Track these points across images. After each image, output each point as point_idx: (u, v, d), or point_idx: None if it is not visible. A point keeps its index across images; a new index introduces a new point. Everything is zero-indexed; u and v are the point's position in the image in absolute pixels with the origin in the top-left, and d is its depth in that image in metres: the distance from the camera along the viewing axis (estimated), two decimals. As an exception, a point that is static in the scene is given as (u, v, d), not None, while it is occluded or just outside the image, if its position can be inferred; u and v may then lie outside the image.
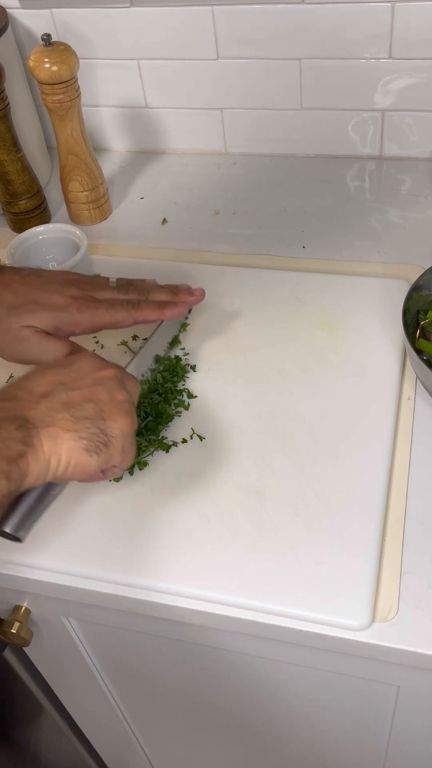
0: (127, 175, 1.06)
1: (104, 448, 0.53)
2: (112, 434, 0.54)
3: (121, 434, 0.55)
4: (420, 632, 0.57)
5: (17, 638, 0.73)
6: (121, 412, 0.55)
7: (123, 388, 0.57)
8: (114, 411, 0.55)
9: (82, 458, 0.52)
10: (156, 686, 0.85)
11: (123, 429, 0.55)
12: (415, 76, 0.92)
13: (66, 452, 0.52)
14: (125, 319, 0.69)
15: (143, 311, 0.69)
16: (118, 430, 0.54)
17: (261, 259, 0.88)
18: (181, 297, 0.73)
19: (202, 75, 0.99)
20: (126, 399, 0.56)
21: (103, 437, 0.53)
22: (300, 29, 0.91)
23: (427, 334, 0.72)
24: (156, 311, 0.70)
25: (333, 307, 0.80)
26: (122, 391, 0.56)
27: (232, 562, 0.61)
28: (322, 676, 0.69)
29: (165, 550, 0.63)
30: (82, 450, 0.52)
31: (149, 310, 0.70)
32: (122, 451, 0.55)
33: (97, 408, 0.54)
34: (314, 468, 0.67)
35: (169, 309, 0.70)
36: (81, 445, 0.52)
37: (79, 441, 0.52)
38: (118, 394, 0.56)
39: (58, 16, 0.98)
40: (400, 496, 0.65)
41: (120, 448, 0.55)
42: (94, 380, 0.56)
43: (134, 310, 0.69)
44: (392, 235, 0.90)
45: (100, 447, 0.53)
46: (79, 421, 0.53)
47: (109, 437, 0.54)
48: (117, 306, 0.69)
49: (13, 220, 0.97)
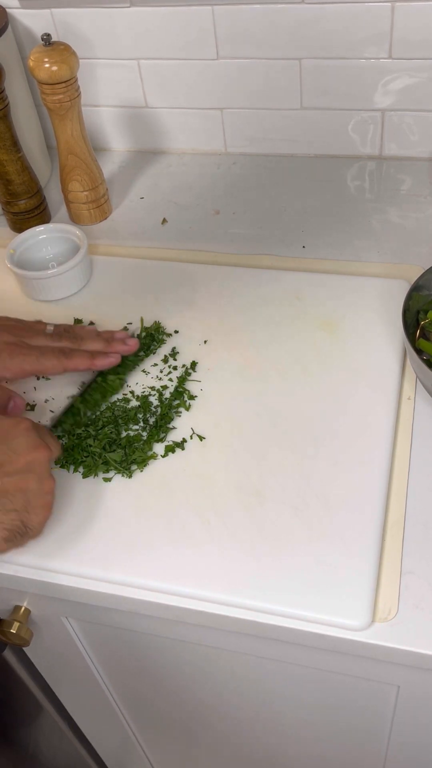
0: (127, 175, 1.06)
1: (20, 538, 0.58)
2: (31, 526, 0.58)
3: (39, 526, 0.59)
4: (420, 632, 0.57)
5: (17, 638, 0.73)
6: (45, 505, 0.59)
7: (50, 477, 0.60)
8: (39, 503, 0.59)
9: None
10: (156, 686, 0.85)
11: (41, 522, 0.59)
12: (415, 76, 0.92)
13: None
14: (55, 366, 0.71)
15: (73, 360, 0.71)
16: (37, 523, 0.59)
17: (261, 259, 0.88)
18: (114, 347, 0.74)
19: (202, 75, 0.99)
20: (51, 490, 0.60)
21: (23, 529, 0.58)
22: (300, 29, 0.91)
23: (427, 334, 0.72)
24: (86, 360, 0.72)
25: (333, 307, 0.80)
26: (49, 480, 0.60)
27: (232, 562, 0.61)
28: (322, 676, 0.69)
29: (165, 550, 0.63)
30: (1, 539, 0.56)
31: (79, 359, 0.72)
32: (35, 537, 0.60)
33: (25, 499, 0.57)
34: (314, 468, 0.67)
35: (99, 359, 0.72)
36: (1, 536, 0.56)
37: (2, 531, 0.56)
38: (46, 484, 0.59)
39: (58, 16, 0.98)
40: (400, 496, 0.65)
41: (34, 536, 0.60)
42: (27, 464, 0.58)
43: (65, 359, 0.71)
44: (392, 235, 0.90)
45: (16, 536, 0.57)
46: (7, 513, 0.56)
47: (27, 528, 0.58)
48: (48, 354, 0.71)
49: (13, 220, 0.97)
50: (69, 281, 0.85)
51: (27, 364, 0.70)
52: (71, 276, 0.85)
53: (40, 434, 0.61)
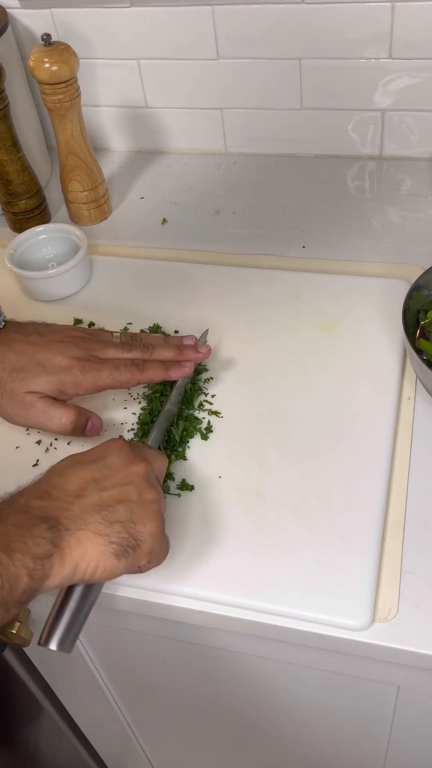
0: (127, 175, 1.06)
1: (132, 552, 0.53)
2: (141, 538, 0.54)
3: (150, 537, 0.54)
4: (420, 632, 0.57)
5: (17, 638, 0.73)
6: (151, 515, 0.55)
7: (151, 486, 0.56)
8: (144, 513, 0.54)
9: (110, 563, 0.52)
10: (156, 686, 0.85)
11: (152, 532, 0.54)
12: (415, 76, 0.92)
13: (95, 557, 0.51)
14: (129, 381, 0.68)
15: (147, 373, 0.68)
16: (147, 534, 0.54)
17: (261, 259, 0.88)
18: (187, 355, 0.71)
19: (202, 75, 0.99)
20: (155, 499, 0.56)
21: (133, 541, 0.53)
22: (300, 29, 0.91)
23: (427, 334, 0.72)
24: (161, 372, 0.69)
25: (333, 307, 0.80)
26: (151, 490, 0.56)
27: (232, 562, 0.61)
28: (322, 676, 0.69)
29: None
30: (111, 555, 0.52)
31: (153, 372, 0.69)
32: (150, 552, 0.55)
33: (128, 510, 0.54)
34: (314, 468, 0.67)
35: (174, 370, 0.69)
36: (110, 550, 0.52)
37: (109, 545, 0.52)
38: (147, 494, 0.55)
39: (58, 16, 0.98)
40: (400, 496, 0.65)
41: (148, 550, 0.55)
42: (125, 477, 0.55)
43: (138, 372, 0.68)
44: (392, 235, 0.90)
45: (128, 551, 0.53)
46: (111, 525, 0.52)
47: (138, 541, 0.54)
48: (121, 368, 0.67)
49: (13, 220, 0.97)
50: (69, 281, 0.85)
51: (100, 380, 0.67)
52: (71, 276, 0.85)
53: (136, 450, 0.58)
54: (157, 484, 0.58)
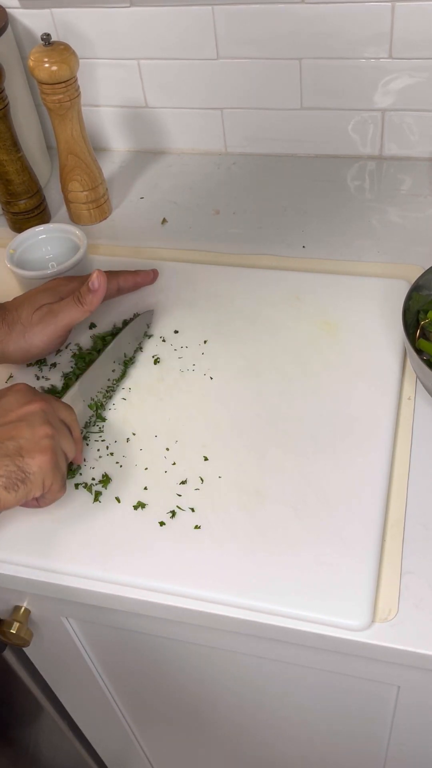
0: (127, 175, 1.06)
1: (21, 485, 0.56)
2: (30, 471, 0.57)
3: (40, 470, 0.58)
4: (420, 632, 0.57)
5: (17, 638, 0.73)
6: (41, 449, 0.58)
7: (47, 423, 0.60)
8: (33, 448, 0.58)
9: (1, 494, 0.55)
10: (156, 686, 0.85)
11: (41, 465, 0.58)
12: (415, 76, 0.92)
13: None
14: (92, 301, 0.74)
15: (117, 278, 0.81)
16: (36, 467, 0.57)
17: (261, 259, 0.88)
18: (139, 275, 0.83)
19: (202, 75, 0.99)
20: (47, 434, 0.59)
21: (21, 474, 0.57)
22: (300, 29, 0.91)
23: (427, 334, 0.72)
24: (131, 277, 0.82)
25: (333, 307, 0.80)
26: (44, 427, 0.59)
27: (232, 562, 0.61)
28: (322, 676, 0.69)
29: (165, 550, 0.63)
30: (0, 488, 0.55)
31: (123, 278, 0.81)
32: (42, 485, 0.58)
33: (17, 445, 0.57)
34: (314, 468, 0.67)
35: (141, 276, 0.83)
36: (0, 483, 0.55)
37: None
38: (39, 430, 0.59)
39: (58, 15, 0.98)
40: (400, 496, 0.65)
41: (39, 483, 0.58)
42: (18, 416, 0.59)
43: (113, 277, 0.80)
44: (392, 235, 0.90)
45: (17, 484, 0.56)
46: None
47: (26, 474, 0.57)
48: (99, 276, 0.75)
49: (13, 220, 0.97)
50: (69, 281, 0.85)
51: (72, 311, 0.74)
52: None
53: (37, 394, 0.62)
54: (54, 422, 0.60)
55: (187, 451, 0.69)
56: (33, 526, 0.66)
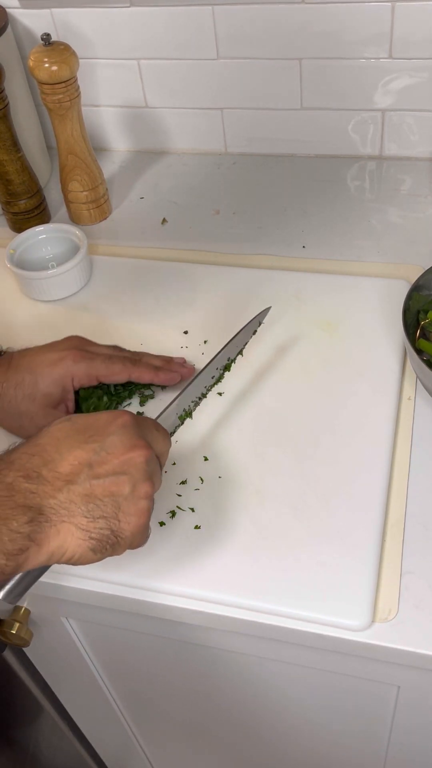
0: (127, 175, 1.06)
1: (110, 548, 0.52)
2: (123, 536, 0.52)
3: (131, 535, 0.53)
4: (420, 632, 0.57)
5: (17, 638, 0.73)
6: (138, 511, 0.53)
7: (149, 479, 0.53)
8: (131, 510, 0.52)
9: (86, 555, 0.51)
10: (156, 686, 0.85)
11: (134, 530, 0.53)
12: (415, 76, 0.92)
13: (72, 548, 0.50)
14: (121, 371, 0.70)
15: (139, 368, 0.71)
16: (129, 532, 0.52)
17: (261, 259, 0.88)
18: (174, 367, 0.74)
19: (202, 75, 0.99)
20: (147, 495, 0.53)
21: (113, 539, 0.52)
22: (300, 29, 0.91)
23: (427, 334, 0.72)
24: (151, 373, 0.72)
25: (333, 307, 0.80)
26: (146, 484, 0.53)
27: (232, 563, 0.61)
28: (322, 676, 0.69)
29: (165, 550, 0.63)
30: (88, 549, 0.51)
31: (144, 370, 0.72)
32: (129, 545, 0.54)
33: (116, 504, 0.52)
34: (314, 468, 0.67)
35: (163, 373, 0.73)
36: (89, 545, 0.51)
37: (89, 541, 0.50)
38: (141, 488, 0.53)
39: (58, 15, 0.98)
40: (400, 497, 0.65)
41: (127, 545, 0.53)
42: (122, 466, 0.52)
43: (131, 365, 0.71)
44: (392, 235, 0.90)
45: (106, 548, 0.52)
46: (95, 520, 0.51)
47: (118, 538, 0.52)
48: (114, 359, 0.70)
49: (13, 220, 0.97)
50: (69, 281, 0.85)
51: (92, 368, 0.69)
52: (71, 276, 0.85)
53: (141, 431, 0.55)
54: (154, 474, 0.55)
55: (187, 451, 0.69)
56: (33, 526, 0.66)
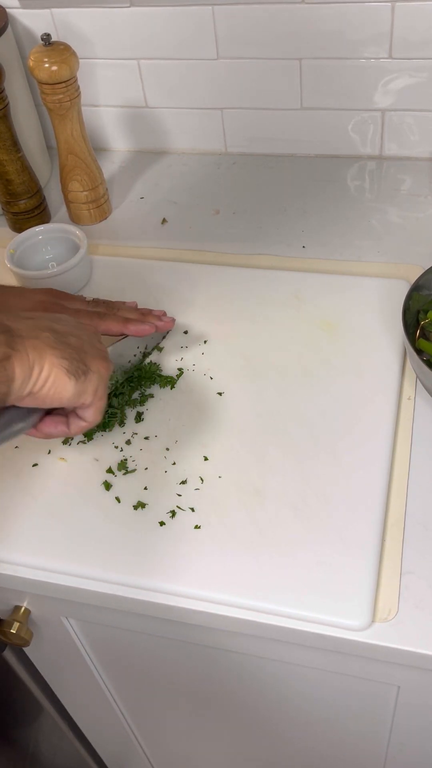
0: (127, 175, 1.06)
1: (83, 377, 0.54)
2: (92, 368, 0.55)
3: (98, 373, 0.56)
4: (420, 632, 0.57)
5: (17, 638, 0.73)
6: (100, 355, 0.57)
7: (100, 342, 0.59)
8: (93, 351, 0.56)
9: (61, 378, 0.53)
10: (156, 686, 0.85)
11: (100, 369, 0.56)
12: (415, 75, 0.92)
13: (48, 365, 0.52)
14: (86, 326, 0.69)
15: (106, 322, 0.72)
16: (96, 368, 0.56)
17: (261, 259, 0.88)
18: (149, 319, 0.75)
19: (202, 75, 0.99)
20: (104, 350, 0.58)
21: (83, 366, 0.54)
22: (300, 29, 0.91)
23: (427, 334, 0.72)
24: (119, 324, 0.72)
25: (333, 307, 0.80)
26: (101, 344, 0.58)
27: (232, 562, 0.61)
28: (322, 676, 0.69)
29: (165, 550, 0.63)
30: (63, 369, 0.53)
31: (112, 322, 0.72)
32: (95, 391, 0.56)
33: (80, 342, 0.55)
34: (314, 468, 0.67)
35: (133, 325, 0.73)
36: (63, 365, 0.53)
37: (62, 360, 0.53)
38: (97, 343, 0.58)
39: (58, 15, 0.98)
40: (400, 496, 0.65)
41: (95, 386, 0.56)
42: (77, 325, 0.58)
43: (98, 319, 0.72)
44: (392, 235, 0.90)
45: (79, 374, 0.54)
46: (62, 344, 0.54)
47: (88, 368, 0.55)
48: (81, 313, 0.71)
49: (13, 220, 0.97)
50: (69, 281, 0.85)
51: None
52: (71, 276, 0.85)
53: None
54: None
55: (187, 451, 0.69)
56: (33, 526, 0.66)
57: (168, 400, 0.74)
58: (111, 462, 0.69)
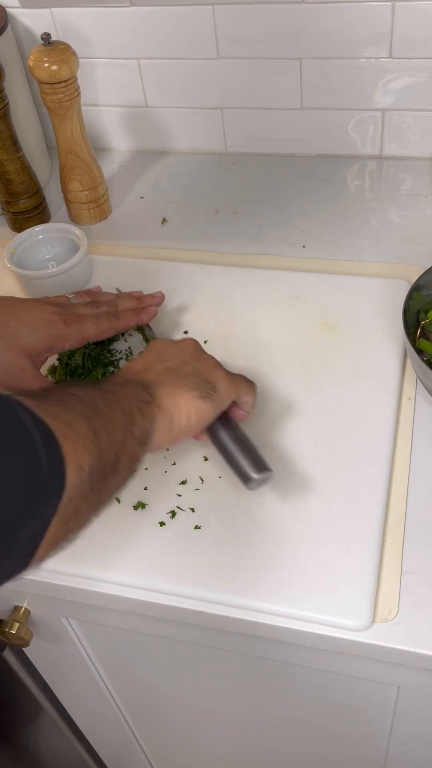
0: (127, 175, 1.06)
1: (214, 393, 0.60)
2: (216, 381, 0.61)
3: (222, 380, 0.62)
4: (420, 632, 0.57)
5: (17, 638, 0.73)
6: (213, 365, 0.63)
7: (203, 352, 0.65)
8: (206, 366, 0.62)
9: (198, 405, 0.59)
10: (156, 686, 0.85)
11: (222, 376, 0.62)
12: (415, 75, 0.92)
13: (184, 403, 0.58)
14: (109, 329, 0.74)
15: (123, 320, 0.75)
16: (218, 377, 0.62)
17: (261, 259, 0.88)
18: (146, 301, 0.79)
19: (202, 75, 0.99)
20: (210, 357, 0.64)
21: (210, 385, 0.61)
22: (300, 29, 0.91)
23: (427, 334, 0.72)
24: (134, 318, 0.76)
25: (333, 307, 0.80)
26: (204, 354, 0.64)
27: (232, 562, 0.61)
28: (322, 676, 0.69)
29: (164, 550, 0.63)
30: (197, 398, 0.59)
31: (128, 318, 0.76)
32: (232, 391, 0.63)
33: (194, 368, 0.62)
34: (314, 468, 0.67)
35: (144, 314, 0.77)
36: (194, 395, 0.59)
37: (191, 391, 0.59)
38: (201, 356, 0.64)
39: (57, 15, 0.98)
40: (400, 497, 0.65)
41: (227, 390, 0.62)
42: (179, 351, 0.63)
43: (116, 320, 0.75)
44: (392, 235, 0.90)
45: (210, 393, 0.60)
46: (184, 378, 0.60)
47: (214, 384, 0.61)
48: (101, 318, 0.73)
49: (13, 220, 0.97)
50: (69, 281, 0.85)
51: (85, 330, 0.72)
52: (71, 276, 0.85)
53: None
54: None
55: (187, 451, 0.69)
56: (33, 526, 0.66)
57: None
58: (111, 462, 0.69)
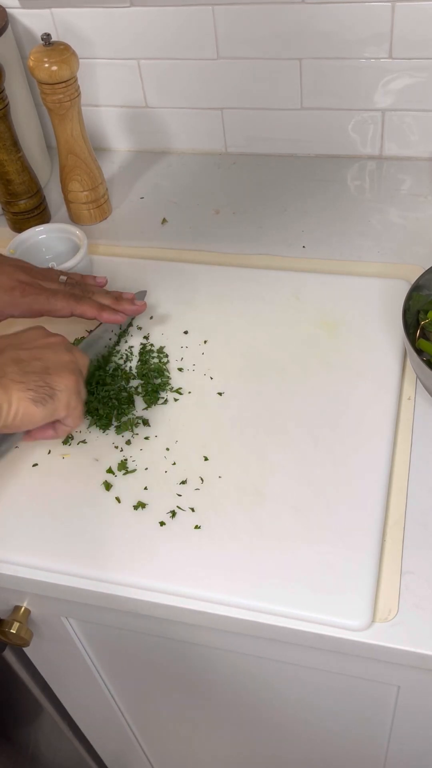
0: (127, 175, 1.06)
1: (50, 400, 0.59)
2: (58, 388, 0.60)
3: (66, 389, 0.60)
4: (420, 632, 0.57)
5: (17, 638, 0.73)
6: (66, 370, 0.61)
7: (68, 351, 0.63)
8: (59, 368, 0.61)
9: (29, 408, 0.58)
10: (156, 686, 0.85)
11: (68, 385, 0.60)
12: (415, 75, 0.92)
13: (15, 401, 0.57)
14: (63, 308, 0.74)
15: (82, 306, 0.74)
16: (63, 385, 0.60)
17: (261, 259, 0.88)
18: (122, 305, 0.77)
19: (202, 75, 0.99)
20: (71, 360, 0.62)
21: (49, 390, 0.59)
22: (300, 29, 0.91)
23: (427, 334, 0.72)
24: (94, 310, 0.75)
25: (333, 307, 0.80)
26: (68, 354, 0.63)
27: (232, 562, 0.61)
28: (322, 676, 0.69)
29: (165, 550, 0.63)
30: (29, 400, 0.58)
31: (88, 306, 0.75)
32: (67, 405, 0.61)
33: (44, 365, 0.60)
34: (314, 468, 0.67)
35: (107, 313, 0.75)
36: (28, 396, 0.58)
37: (27, 392, 0.58)
38: (63, 356, 0.62)
39: (58, 15, 0.98)
40: (400, 496, 0.65)
41: (65, 402, 0.60)
42: (42, 344, 0.62)
43: (74, 302, 0.74)
44: (392, 235, 0.90)
45: (45, 399, 0.59)
46: (26, 374, 0.59)
47: (54, 390, 0.59)
48: (59, 295, 0.73)
49: (13, 220, 0.97)
50: (69, 281, 0.85)
51: (37, 303, 0.72)
52: (71, 276, 0.85)
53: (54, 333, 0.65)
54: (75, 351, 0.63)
55: (187, 451, 0.69)
56: (33, 526, 0.66)
57: (168, 400, 0.74)
58: (111, 462, 0.69)
